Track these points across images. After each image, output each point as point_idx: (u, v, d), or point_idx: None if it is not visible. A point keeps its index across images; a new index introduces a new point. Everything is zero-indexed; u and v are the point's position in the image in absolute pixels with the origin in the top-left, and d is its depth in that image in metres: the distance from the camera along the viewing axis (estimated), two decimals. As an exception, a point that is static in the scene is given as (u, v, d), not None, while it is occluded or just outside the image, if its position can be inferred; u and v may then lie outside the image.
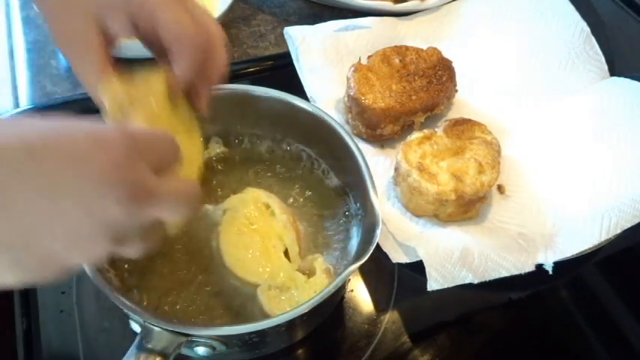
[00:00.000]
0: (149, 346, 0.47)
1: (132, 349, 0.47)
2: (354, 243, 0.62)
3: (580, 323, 0.67)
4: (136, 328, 0.50)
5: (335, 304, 0.63)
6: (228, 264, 0.58)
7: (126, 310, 0.49)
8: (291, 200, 0.67)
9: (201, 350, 0.50)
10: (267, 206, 0.61)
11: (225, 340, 0.50)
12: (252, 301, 0.57)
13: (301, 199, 0.67)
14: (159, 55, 0.51)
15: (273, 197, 0.62)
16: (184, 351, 0.51)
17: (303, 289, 0.56)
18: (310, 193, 0.67)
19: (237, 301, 0.58)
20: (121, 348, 0.49)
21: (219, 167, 0.69)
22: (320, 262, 0.57)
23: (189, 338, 0.48)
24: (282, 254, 0.59)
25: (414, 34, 0.91)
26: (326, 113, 0.65)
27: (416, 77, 0.78)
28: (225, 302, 0.58)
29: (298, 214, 0.65)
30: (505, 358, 0.65)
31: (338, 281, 0.51)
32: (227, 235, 0.59)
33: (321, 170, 0.69)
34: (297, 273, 0.57)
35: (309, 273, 0.57)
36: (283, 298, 0.56)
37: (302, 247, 0.60)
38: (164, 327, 0.48)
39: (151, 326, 0.48)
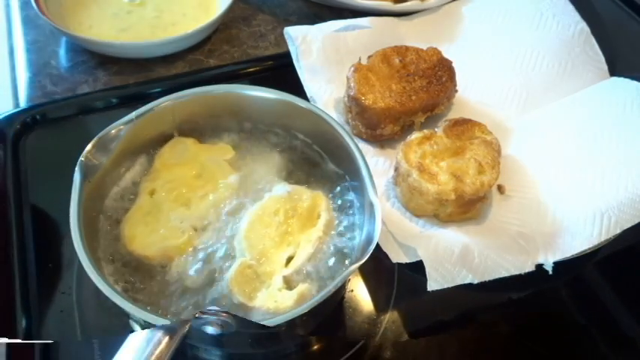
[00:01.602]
0: None
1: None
2: (354, 243, 0.62)
3: (580, 323, 0.67)
4: (137, 328, 0.50)
5: (335, 304, 0.63)
6: (243, 223, 0.60)
7: (126, 310, 0.49)
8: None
9: (210, 329, 0.50)
10: (318, 216, 0.62)
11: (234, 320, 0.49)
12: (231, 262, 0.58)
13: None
14: None
15: (331, 215, 0.63)
16: (193, 341, 0.50)
17: (269, 295, 0.56)
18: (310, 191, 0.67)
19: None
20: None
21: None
22: (302, 289, 0.57)
23: (197, 314, 0.48)
24: (286, 256, 0.59)
25: (414, 34, 0.91)
26: (326, 113, 0.65)
27: (416, 77, 0.78)
28: None
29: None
30: (505, 358, 0.65)
31: (338, 281, 0.51)
32: (266, 206, 0.61)
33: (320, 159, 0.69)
34: (280, 279, 0.57)
35: (288, 287, 0.57)
36: (251, 284, 0.57)
37: (305, 266, 0.60)
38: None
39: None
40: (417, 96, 0.76)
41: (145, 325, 0.48)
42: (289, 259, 0.59)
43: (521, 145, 0.78)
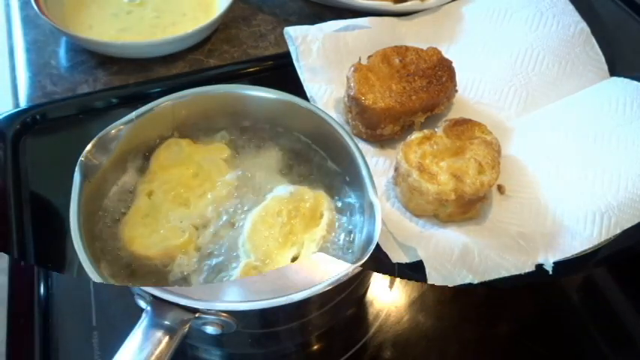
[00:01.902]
0: (156, 321, 0.47)
1: (137, 327, 0.47)
2: (354, 243, 0.62)
3: (580, 323, 0.67)
4: (142, 304, 0.50)
5: (354, 303, 0.62)
6: (246, 225, 0.60)
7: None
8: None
9: (210, 329, 0.50)
10: (321, 215, 0.62)
11: (233, 316, 0.50)
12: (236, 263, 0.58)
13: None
14: None
15: (333, 214, 0.63)
16: (193, 341, 0.51)
17: None
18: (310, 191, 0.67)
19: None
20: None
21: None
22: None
23: (198, 314, 0.48)
24: (291, 257, 0.59)
25: (414, 34, 0.91)
26: (326, 113, 0.65)
27: (416, 77, 0.78)
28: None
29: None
30: (505, 358, 0.65)
31: (336, 280, 0.51)
32: (268, 207, 0.61)
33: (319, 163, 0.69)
34: None
35: None
36: None
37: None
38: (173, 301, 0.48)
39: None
40: (417, 96, 0.76)
41: (151, 301, 0.48)
42: (294, 260, 0.59)
43: (521, 145, 0.78)
